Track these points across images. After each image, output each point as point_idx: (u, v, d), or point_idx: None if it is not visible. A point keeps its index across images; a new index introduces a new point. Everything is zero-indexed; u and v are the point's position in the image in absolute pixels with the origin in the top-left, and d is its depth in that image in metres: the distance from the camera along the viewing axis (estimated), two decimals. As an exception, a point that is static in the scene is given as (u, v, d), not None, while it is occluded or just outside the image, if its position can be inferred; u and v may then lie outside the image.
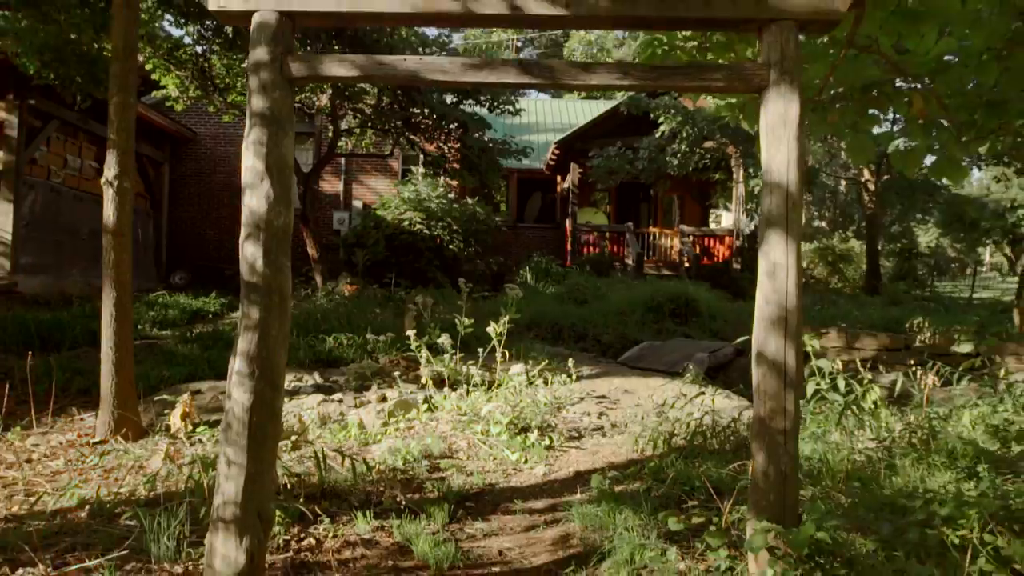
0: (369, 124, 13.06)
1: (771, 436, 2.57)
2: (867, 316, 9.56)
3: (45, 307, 9.59)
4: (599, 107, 21.01)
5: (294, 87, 2.73)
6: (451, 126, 12.29)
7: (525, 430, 5.01)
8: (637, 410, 5.55)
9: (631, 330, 8.98)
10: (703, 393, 5.22)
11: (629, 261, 16.26)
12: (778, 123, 2.62)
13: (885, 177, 14.64)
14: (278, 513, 3.35)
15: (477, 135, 12.36)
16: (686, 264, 16.15)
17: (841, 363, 8.30)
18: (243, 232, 2.61)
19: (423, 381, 5.56)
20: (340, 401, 5.45)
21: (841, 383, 4.34)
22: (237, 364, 2.58)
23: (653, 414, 5.42)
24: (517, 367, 5.39)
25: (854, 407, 4.40)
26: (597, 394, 5.96)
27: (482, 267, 15.09)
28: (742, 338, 5.83)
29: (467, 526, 3.52)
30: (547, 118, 23.13)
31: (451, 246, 14.29)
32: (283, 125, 2.65)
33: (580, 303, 10.55)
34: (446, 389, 5.55)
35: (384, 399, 5.41)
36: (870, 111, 3.86)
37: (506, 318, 5.56)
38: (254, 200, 2.59)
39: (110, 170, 4.87)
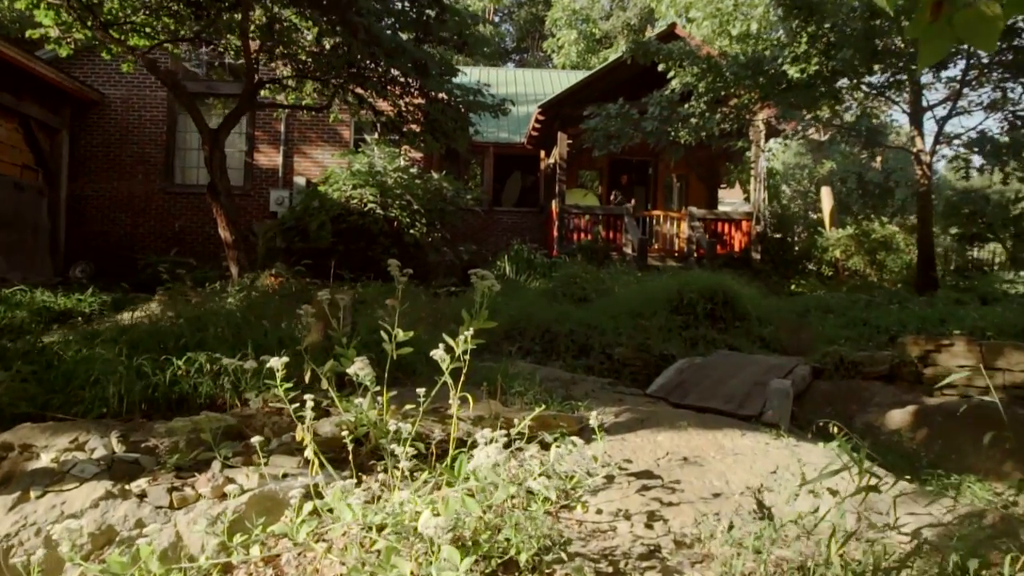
0: (307, 75, 10.29)
1: None
2: (988, 318, 6.91)
3: None
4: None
5: None
6: (407, 77, 9.56)
7: (507, 568, 2.41)
8: (718, 505, 2.93)
9: (654, 339, 6.34)
10: (847, 467, 2.62)
11: (628, 250, 13.62)
12: None
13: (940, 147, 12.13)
14: None
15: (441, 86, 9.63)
16: (696, 253, 13.56)
17: (980, 391, 5.79)
18: None
19: (307, 455, 2.89)
20: (142, 496, 2.78)
21: None
22: None
23: (750, 514, 2.84)
24: (484, 432, 2.74)
25: None
26: (635, 469, 3.30)
27: (451, 256, 12.38)
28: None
29: None
30: (528, 89, 20.34)
31: (412, 231, 11.55)
32: None
33: (578, 301, 7.88)
34: (347, 474, 2.87)
35: (224, 495, 2.74)
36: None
37: (469, 332, 2.91)
38: None
39: None
